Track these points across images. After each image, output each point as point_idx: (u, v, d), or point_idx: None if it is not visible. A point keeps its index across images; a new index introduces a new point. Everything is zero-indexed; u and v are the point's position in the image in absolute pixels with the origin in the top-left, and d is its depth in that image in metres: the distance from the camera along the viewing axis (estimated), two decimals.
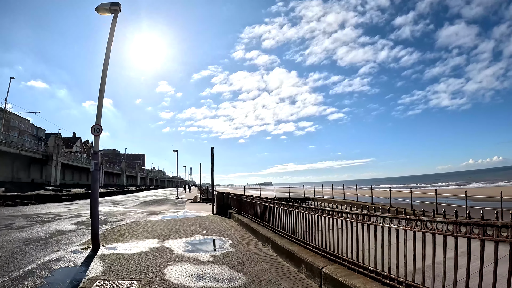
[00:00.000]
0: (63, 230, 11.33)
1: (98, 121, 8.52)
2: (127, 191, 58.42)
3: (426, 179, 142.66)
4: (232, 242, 8.69)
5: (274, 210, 8.40)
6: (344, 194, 24.23)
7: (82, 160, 60.58)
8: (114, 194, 47.64)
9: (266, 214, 9.28)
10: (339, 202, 22.24)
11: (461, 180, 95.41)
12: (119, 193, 51.64)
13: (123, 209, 21.07)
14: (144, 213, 18.32)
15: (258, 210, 10.20)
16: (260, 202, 9.91)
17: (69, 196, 30.00)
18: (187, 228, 11.64)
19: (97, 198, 8.24)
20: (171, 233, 10.44)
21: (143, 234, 10.20)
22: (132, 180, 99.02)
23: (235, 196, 15.01)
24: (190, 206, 23.84)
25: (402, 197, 28.16)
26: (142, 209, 20.87)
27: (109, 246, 8.29)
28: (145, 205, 25.31)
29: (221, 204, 16.98)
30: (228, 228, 11.38)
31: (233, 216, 13.76)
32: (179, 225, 12.54)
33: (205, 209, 20.66)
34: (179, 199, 35.43)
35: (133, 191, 63.45)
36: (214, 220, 14.14)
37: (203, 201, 29.90)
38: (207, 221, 13.78)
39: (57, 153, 37.39)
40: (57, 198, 27.58)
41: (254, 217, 10.75)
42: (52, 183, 36.57)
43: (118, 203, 26.59)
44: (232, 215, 14.19)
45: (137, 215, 17.15)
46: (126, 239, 9.33)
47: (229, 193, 17.15)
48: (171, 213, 18.65)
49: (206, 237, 9.59)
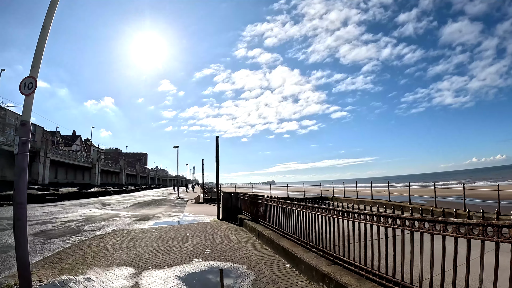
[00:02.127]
0: (8, 245, 7.88)
1: (34, 73, 5.01)
2: (125, 191, 55.06)
3: (429, 177, 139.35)
4: (256, 277, 5.18)
5: (335, 221, 4.94)
6: (372, 193, 20.67)
7: (81, 158, 57.37)
8: (109, 193, 44.28)
9: (308, 227, 5.81)
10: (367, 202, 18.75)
11: (465, 179, 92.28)
12: (116, 193, 48.30)
13: (110, 212, 17.63)
14: (134, 217, 14.87)
15: (292, 219, 6.72)
16: (298, 208, 6.39)
17: (55, 196, 26.65)
18: (184, 243, 8.16)
19: (24, 203, 4.69)
20: (159, 253, 6.96)
21: (116, 257, 6.73)
22: (132, 179, 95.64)
23: (247, 197, 11.51)
24: (191, 208, 20.40)
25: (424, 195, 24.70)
26: (134, 212, 17.43)
27: (50, 283, 4.83)
28: (140, 206, 21.88)
29: (228, 207, 13.51)
30: (242, 244, 7.89)
31: (246, 223, 10.29)
32: (173, 237, 9.06)
33: (208, 212, 17.20)
34: (180, 199, 32.01)
35: (132, 190, 60.06)
36: (221, 228, 10.66)
37: (206, 202, 26.46)
38: (211, 230, 10.30)
39: (45, 148, 34.01)
40: (39, 198, 24.21)
41: (283, 229, 7.25)
42: (40, 181, 33.26)
43: (108, 204, 23.18)
44: (244, 222, 10.72)
45: (124, 220, 13.70)
46: (85, 267, 5.87)
47: (238, 193, 13.66)
48: (167, 217, 15.18)
49: (211, 264, 6.07)
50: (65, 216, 14.90)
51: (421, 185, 64.85)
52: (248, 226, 9.95)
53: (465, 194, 14.06)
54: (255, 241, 8.26)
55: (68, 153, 50.22)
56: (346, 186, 25.32)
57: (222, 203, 13.80)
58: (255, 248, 7.40)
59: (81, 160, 53.81)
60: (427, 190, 38.32)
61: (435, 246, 3.05)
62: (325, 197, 24.84)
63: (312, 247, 5.66)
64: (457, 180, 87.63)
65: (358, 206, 4.57)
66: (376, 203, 19.26)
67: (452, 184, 68.76)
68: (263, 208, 9.08)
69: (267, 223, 8.58)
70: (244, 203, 12.17)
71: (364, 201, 20.36)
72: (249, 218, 10.91)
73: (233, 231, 10.00)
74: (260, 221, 9.35)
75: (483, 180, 75.08)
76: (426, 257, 3.16)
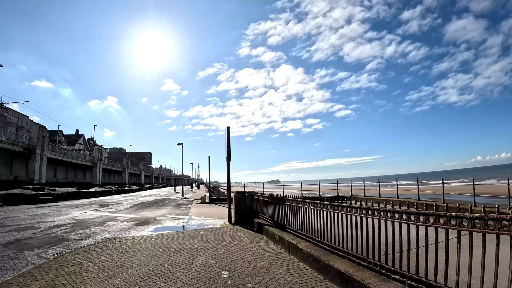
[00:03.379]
0: None
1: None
2: (128, 190, 53.29)
3: (434, 176, 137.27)
4: None
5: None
6: (397, 191, 18.55)
7: (82, 157, 55.58)
8: (111, 193, 42.48)
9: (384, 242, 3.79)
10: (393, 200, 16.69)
11: (469, 177, 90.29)
12: (118, 192, 46.54)
13: (106, 214, 15.68)
14: (132, 221, 12.90)
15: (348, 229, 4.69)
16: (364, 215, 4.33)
17: (51, 197, 24.77)
18: (191, 260, 6.15)
19: None
20: (156, 278, 4.95)
21: (97, 283, 4.73)
22: (136, 179, 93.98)
23: (267, 198, 9.45)
24: (197, 210, 18.43)
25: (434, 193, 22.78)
26: (133, 215, 15.48)
27: None
28: (140, 208, 19.94)
29: (242, 209, 11.50)
30: (270, 262, 5.87)
31: (267, 231, 8.29)
32: (176, 249, 7.06)
33: (217, 214, 15.22)
34: (184, 199, 30.07)
35: (135, 190, 58.29)
36: (235, 236, 8.65)
37: (213, 202, 24.48)
38: (225, 239, 8.30)
39: (41, 146, 32.09)
40: (33, 199, 22.35)
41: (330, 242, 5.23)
42: (36, 180, 31.39)
43: (107, 205, 21.26)
44: (264, 228, 8.71)
45: (119, 225, 11.74)
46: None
47: (253, 193, 11.64)
48: (170, 221, 13.21)
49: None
50: (52, 220, 12.96)
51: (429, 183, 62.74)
52: (270, 234, 7.93)
53: (474, 191, 11.99)
54: (285, 256, 6.24)
55: (67, 151, 48.35)
56: (355, 184, 23.27)
57: (234, 205, 11.80)
58: (290, 268, 5.37)
59: (81, 159, 51.98)
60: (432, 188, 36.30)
61: None
62: (342, 196, 22.75)
63: (393, 273, 3.63)
64: (461, 178, 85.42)
65: (408, 206, 3.71)
66: (403, 202, 17.19)
67: (457, 182, 66.79)
68: (294, 211, 7.04)
69: (301, 232, 6.55)
70: (262, 204, 10.15)
71: (389, 200, 18.25)
72: (270, 223, 8.89)
73: (252, 241, 7.98)
74: (289, 229, 7.32)
75: (489, 178, 73.05)
76: None
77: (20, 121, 70.28)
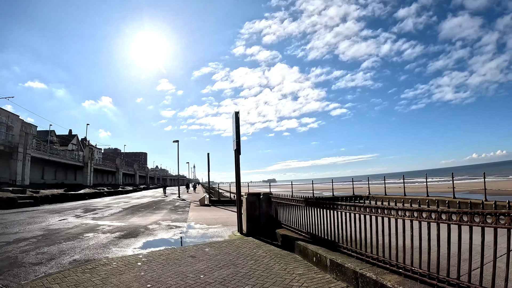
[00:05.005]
0: None
1: None
2: (121, 191, 50.48)
3: (430, 173, 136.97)
4: None
5: None
6: (427, 189, 16.16)
7: (74, 157, 52.65)
8: (102, 195, 39.73)
9: None
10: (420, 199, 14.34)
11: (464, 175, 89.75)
12: (111, 194, 43.81)
13: (88, 222, 13.12)
14: (116, 232, 10.37)
15: None
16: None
17: (32, 200, 22.08)
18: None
19: None
20: None
21: None
22: (130, 179, 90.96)
23: (300, 203, 6.91)
24: (197, 214, 15.94)
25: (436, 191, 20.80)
26: (120, 222, 12.95)
27: None
28: (131, 212, 17.38)
29: (256, 216, 9.05)
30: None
31: (304, 249, 5.83)
32: (173, 284, 4.57)
33: (221, 220, 12.76)
34: (181, 201, 27.54)
35: (129, 191, 55.49)
36: (256, 257, 6.15)
37: (213, 204, 21.99)
38: (243, 262, 5.80)
39: (24, 143, 29.23)
40: (10, 202, 19.67)
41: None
42: (19, 182, 28.63)
43: (92, 210, 18.66)
44: (296, 244, 6.24)
45: (99, 238, 9.22)
46: None
47: (271, 195, 9.14)
48: (165, 230, 10.69)
49: None
50: (18, 231, 10.38)
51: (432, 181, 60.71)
52: (311, 254, 5.46)
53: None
54: None
55: (54, 150, 45.50)
56: (359, 183, 20.94)
57: (245, 210, 9.33)
58: None
59: (70, 158, 49.09)
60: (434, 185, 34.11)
61: None
62: (358, 195, 20.34)
63: None
64: (457, 176, 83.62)
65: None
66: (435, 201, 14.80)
67: (456, 180, 64.90)
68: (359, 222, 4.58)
69: (375, 257, 4.10)
70: (287, 210, 7.68)
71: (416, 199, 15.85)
72: (304, 237, 6.42)
73: (284, 264, 5.51)
74: (345, 249, 4.87)
75: (486, 175, 71.59)
76: None
77: (10, 121, 67.33)
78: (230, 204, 22.00)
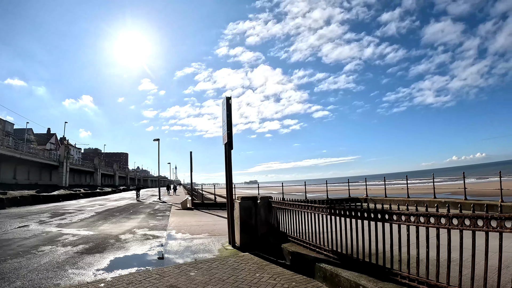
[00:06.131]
0: None
1: None
2: (98, 193, 47.68)
3: (411, 175, 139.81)
4: None
5: None
6: (434, 190, 14.91)
7: (51, 156, 49.46)
8: (78, 197, 37.08)
9: None
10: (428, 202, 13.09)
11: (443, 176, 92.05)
12: (87, 196, 41.08)
13: (51, 230, 11.11)
14: (80, 244, 8.48)
15: None
16: None
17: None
18: None
19: None
20: None
21: None
22: (110, 180, 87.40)
23: (320, 211, 5.29)
24: (179, 220, 14.11)
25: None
26: (88, 231, 11.00)
27: None
28: (104, 217, 15.36)
29: (252, 226, 7.44)
30: None
31: (330, 275, 4.22)
32: None
33: (206, 228, 11.03)
34: (162, 204, 25.54)
35: (108, 192, 52.63)
36: (262, 286, 4.49)
37: (196, 208, 20.15)
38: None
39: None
40: None
41: None
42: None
43: (61, 214, 16.50)
44: (317, 268, 4.61)
45: (56, 254, 7.33)
46: None
47: (271, 199, 7.49)
48: (139, 243, 8.83)
49: None
50: None
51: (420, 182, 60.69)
52: (347, 284, 3.85)
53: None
54: None
55: (29, 149, 42.47)
56: (353, 184, 19.60)
57: (238, 217, 7.65)
58: None
59: (44, 157, 46.00)
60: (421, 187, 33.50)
61: None
62: (355, 198, 18.95)
63: None
64: (438, 177, 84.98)
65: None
66: (444, 203, 13.55)
67: (437, 181, 65.84)
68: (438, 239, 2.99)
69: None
70: (296, 218, 6.05)
71: (423, 201, 14.61)
72: (325, 256, 4.80)
73: None
74: (403, 278, 3.27)
75: (467, 177, 73.02)
76: None
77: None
78: (215, 207, 20.27)
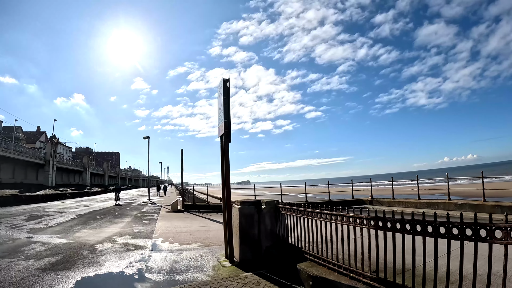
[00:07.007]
0: None
1: None
2: (86, 193, 45.85)
3: (403, 176, 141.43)
4: None
5: None
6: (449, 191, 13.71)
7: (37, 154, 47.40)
8: (64, 197, 35.27)
9: None
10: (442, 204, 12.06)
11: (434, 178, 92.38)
12: (74, 196, 39.27)
13: (20, 236, 9.65)
14: (46, 257, 7.05)
15: None
16: None
17: None
18: None
19: None
20: None
21: None
22: (100, 180, 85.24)
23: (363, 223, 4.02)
24: (167, 224, 12.71)
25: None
26: (61, 238, 9.55)
27: None
28: (84, 221, 13.88)
29: (254, 237, 6.14)
30: None
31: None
32: None
33: (198, 236, 9.66)
34: (151, 205, 24.07)
35: (96, 192, 50.73)
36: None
37: (187, 210, 18.74)
38: None
39: None
40: None
41: None
42: None
43: (38, 217, 14.96)
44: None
45: (13, 271, 5.90)
46: None
47: (279, 205, 6.17)
48: (118, 255, 7.41)
49: None
50: None
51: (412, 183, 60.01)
52: None
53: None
54: None
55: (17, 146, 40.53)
56: (360, 184, 18.44)
57: (238, 226, 6.32)
58: None
59: (29, 155, 44.05)
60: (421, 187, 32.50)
61: None
62: (359, 200, 17.73)
63: None
64: (430, 178, 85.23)
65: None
66: (461, 205, 12.39)
67: (430, 182, 65.62)
68: None
69: None
70: (317, 229, 4.74)
71: (436, 203, 13.47)
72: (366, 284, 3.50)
73: None
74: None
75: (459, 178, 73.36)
76: None
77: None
78: (208, 209, 18.88)
